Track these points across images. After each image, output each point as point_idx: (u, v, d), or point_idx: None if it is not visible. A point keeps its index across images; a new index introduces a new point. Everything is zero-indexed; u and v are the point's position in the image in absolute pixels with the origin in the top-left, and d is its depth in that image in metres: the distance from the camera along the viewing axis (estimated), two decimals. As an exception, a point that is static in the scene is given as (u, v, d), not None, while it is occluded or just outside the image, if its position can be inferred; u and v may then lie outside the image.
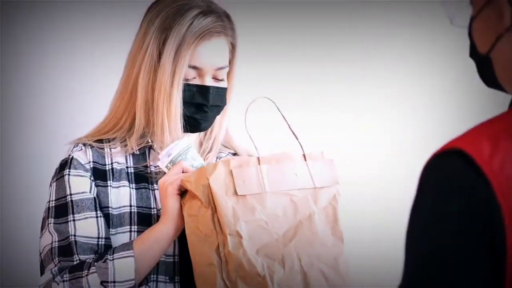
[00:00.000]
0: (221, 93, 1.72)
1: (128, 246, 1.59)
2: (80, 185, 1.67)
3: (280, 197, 1.55)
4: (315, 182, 1.59)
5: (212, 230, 1.50)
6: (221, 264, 1.49)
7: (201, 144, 1.81)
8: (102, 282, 1.56)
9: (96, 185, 1.68)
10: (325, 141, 2.40)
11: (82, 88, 2.18)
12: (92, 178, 1.68)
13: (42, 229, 1.70)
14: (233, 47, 1.74)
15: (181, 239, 1.64)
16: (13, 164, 2.15)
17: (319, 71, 2.39)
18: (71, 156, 1.70)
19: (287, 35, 2.36)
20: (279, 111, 1.66)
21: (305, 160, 1.61)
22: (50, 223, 1.67)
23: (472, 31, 1.05)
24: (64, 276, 1.59)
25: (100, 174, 1.69)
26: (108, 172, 1.69)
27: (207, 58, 1.68)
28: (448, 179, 0.91)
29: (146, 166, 1.72)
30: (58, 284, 1.59)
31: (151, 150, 1.72)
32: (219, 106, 1.73)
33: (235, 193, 1.51)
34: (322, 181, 1.60)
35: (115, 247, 1.61)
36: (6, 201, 2.13)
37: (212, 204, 1.50)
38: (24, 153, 2.16)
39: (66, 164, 1.69)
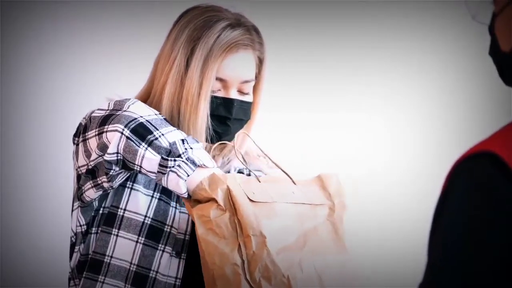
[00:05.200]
0: (245, 107, 1.72)
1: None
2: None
3: (287, 207, 1.56)
4: (310, 200, 1.61)
5: (231, 232, 1.50)
6: (243, 264, 1.48)
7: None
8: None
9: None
10: (326, 141, 2.40)
11: (82, 88, 2.18)
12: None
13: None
14: (260, 62, 1.74)
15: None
16: (13, 164, 2.15)
17: (319, 71, 2.40)
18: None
19: (288, 35, 2.36)
20: (256, 144, 1.66)
21: (294, 184, 1.62)
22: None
23: (494, 28, 1.02)
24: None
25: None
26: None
27: (233, 71, 1.68)
28: (478, 183, 0.88)
29: None
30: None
31: None
32: (242, 120, 1.72)
33: (250, 200, 1.53)
34: (316, 200, 1.62)
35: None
36: (6, 201, 2.13)
37: (231, 207, 1.51)
38: (24, 153, 2.16)
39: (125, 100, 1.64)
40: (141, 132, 1.54)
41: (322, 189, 1.64)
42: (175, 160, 1.52)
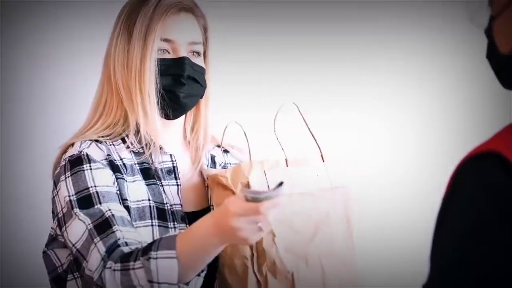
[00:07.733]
0: (197, 69, 1.70)
1: (171, 242, 1.49)
2: (104, 178, 1.62)
3: (305, 197, 1.64)
4: (332, 182, 1.70)
5: None
6: (253, 258, 1.58)
7: (187, 140, 1.79)
8: (148, 280, 1.49)
9: (116, 178, 1.65)
10: (326, 141, 2.40)
11: (82, 88, 2.18)
12: (112, 172, 1.64)
13: (65, 223, 1.60)
14: (205, 30, 1.74)
15: None
16: (13, 165, 2.14)
17: (319, 72, 2.39)
18: (83, 152, 1.64)
19: (288, 35, 2.36)
20: (301, 114, 1.69)
21: (323, 161, 1.72)
22: (77, 212, 1.58)
23: (492, 30, 1.02)
24: (116, 265, 1.51)
25: (115, 168, 1.66)
26: (120, 167, 1.66)
27: (177, 30, 1.68)
28: (484, 184, 0.88)
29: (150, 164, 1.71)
30: (111, 271, 1.51)
31: (151, 147, 1.69)
32: (197, 82, 1.70)
33: None
34: (338, 182, 1.70)
35: (160, 240, 1.51)
36: (6, 201, 2.13)
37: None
38: (24, 153, 2.15)
39: (80, 159, 1.63)
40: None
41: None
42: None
